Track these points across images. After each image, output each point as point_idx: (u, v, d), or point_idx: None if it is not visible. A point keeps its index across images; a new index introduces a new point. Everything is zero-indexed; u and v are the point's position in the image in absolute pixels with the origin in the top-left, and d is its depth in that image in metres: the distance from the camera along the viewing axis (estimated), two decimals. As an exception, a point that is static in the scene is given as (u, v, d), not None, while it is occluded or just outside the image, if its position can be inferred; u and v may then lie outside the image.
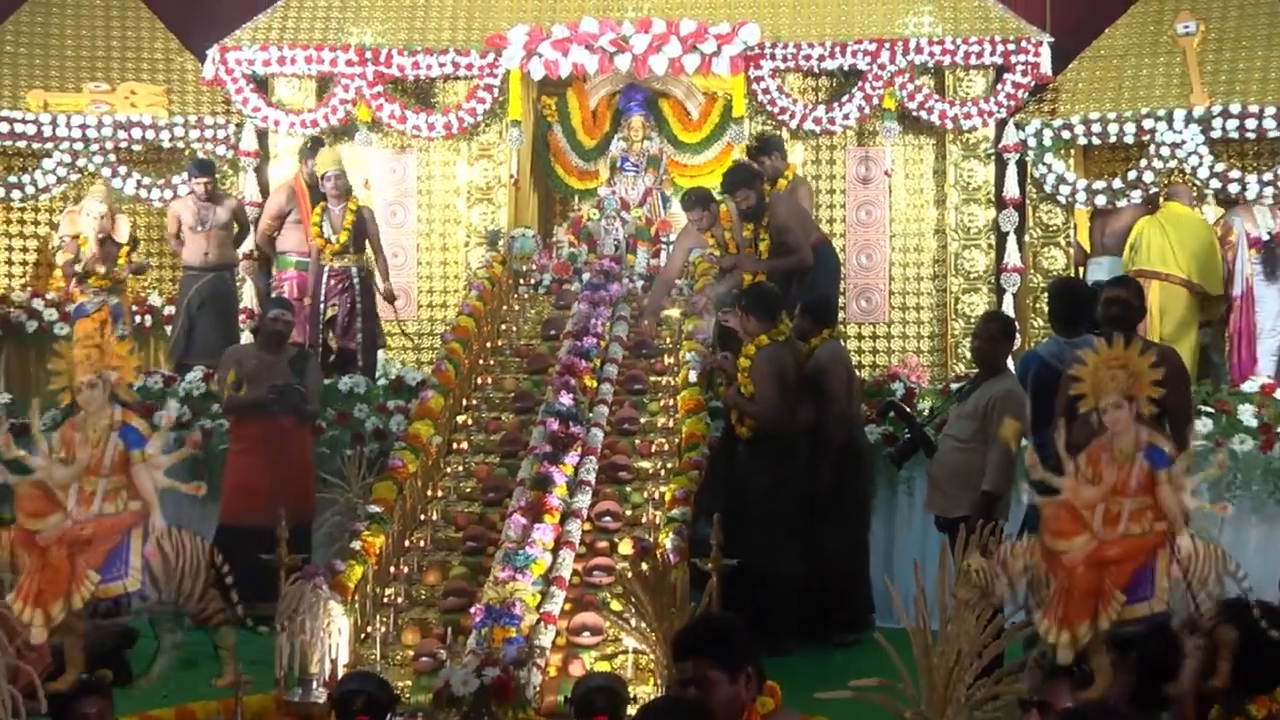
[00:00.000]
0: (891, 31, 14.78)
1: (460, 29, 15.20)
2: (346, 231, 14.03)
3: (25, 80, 15.82)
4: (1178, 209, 14.07)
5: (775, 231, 12.42)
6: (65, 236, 15.76)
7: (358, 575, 9.99)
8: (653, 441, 11.80)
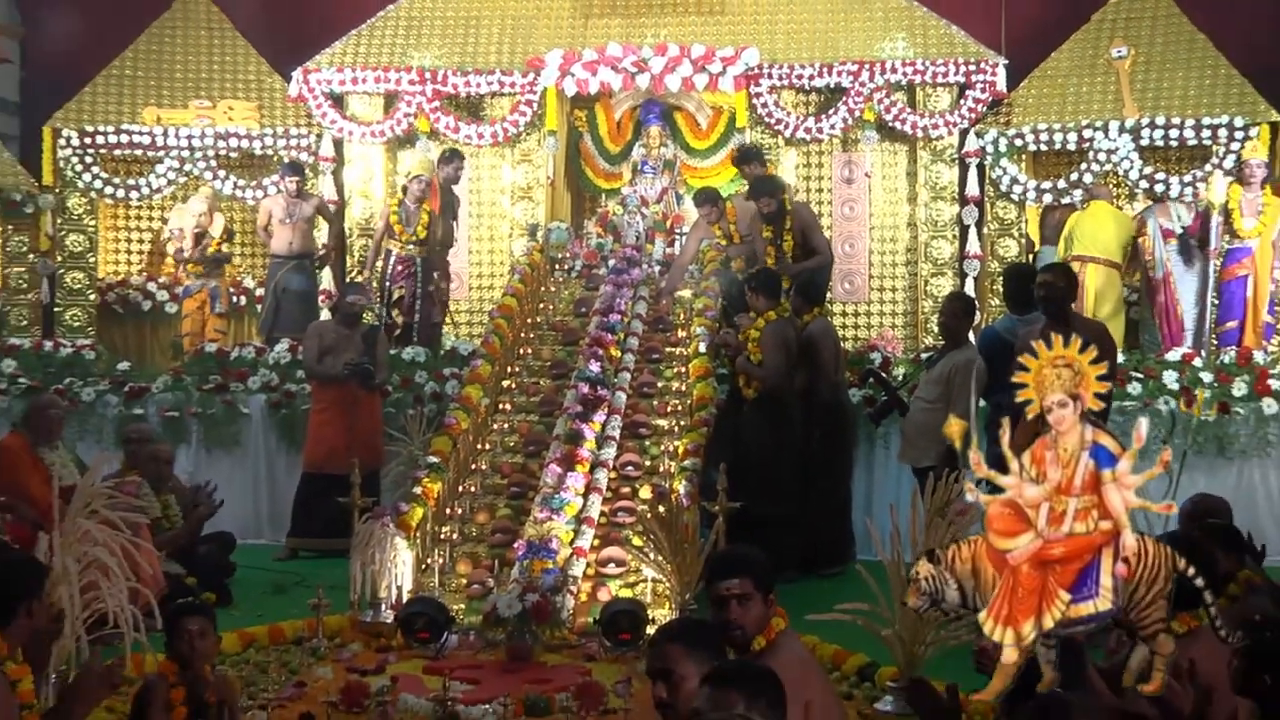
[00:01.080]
0: (870, 54, 14.69)
1: (505, 53, 15.10)
2: (424, 229, 13.94)
3: (141, 99, 15.74)
4: (1102, 205, 14.09)
5: (800, 234, 12.37)
6: (174, 230, 15.74)
7: (419, 516, 10.04)
8: (668, 402, 11.84)
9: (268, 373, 13.46)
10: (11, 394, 13.35)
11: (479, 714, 7.52)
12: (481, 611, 9.29)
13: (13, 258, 15.47)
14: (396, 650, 8.98)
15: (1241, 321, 13.58)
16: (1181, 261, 13.96)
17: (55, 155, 15.45)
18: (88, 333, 15.19)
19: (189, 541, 10.55)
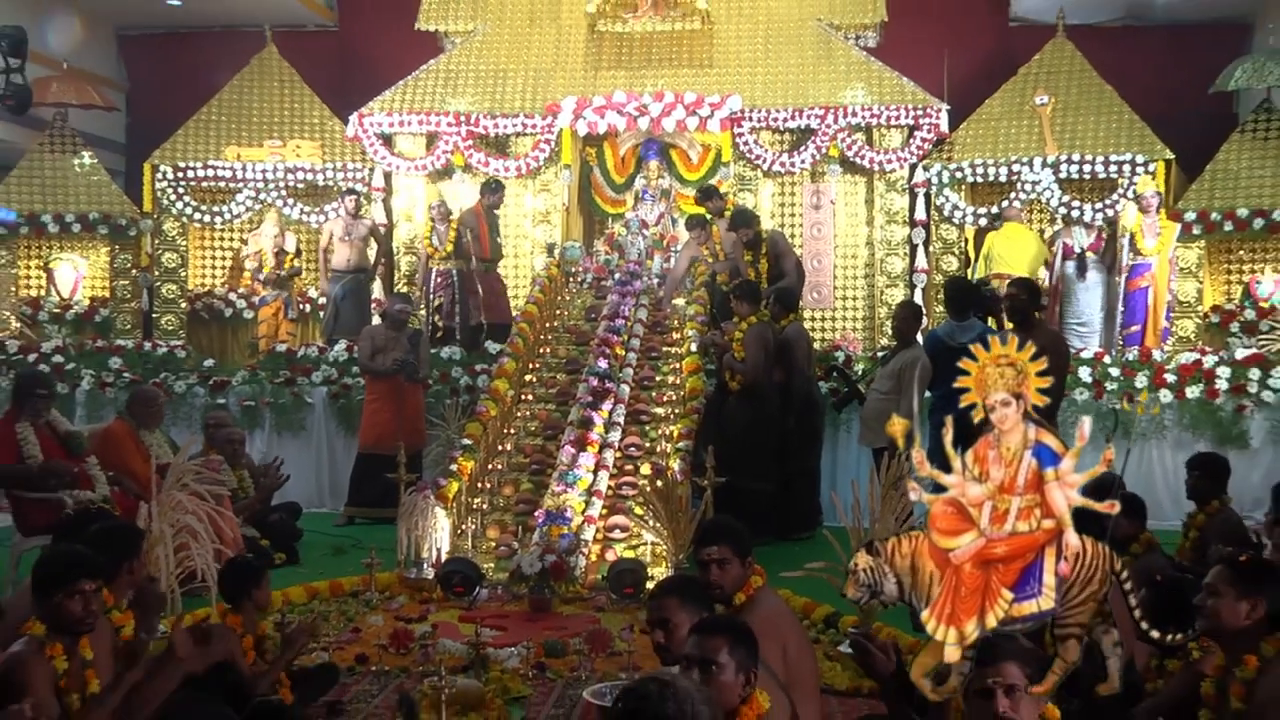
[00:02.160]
0: (835, 101, 14.60)
1: (527, 99, 15.02)
2: (451, 244, 13.95)
3: (224, 139, 15.70)
4: (1015, 225, 14.15)
5: (773, 258, 12.40)
6: (251, 249, 15.73)
7: (455, 489, 10.05)
8: (665, 394, 11.79)
9: (329, 369, 13.48)
10: (117, 386, 13.38)
11: (506, 656, 7.54)
12: (507, 570, 9.39)
13: (119, 272, 15.49)
14: (436, 602, 9.05)
15: (1143, 325, 13.68)
16: (1076, 276, 14.09)
17: (154, 187, 15.43)
18: (179, 335, 15.17)
19: (261, 509, 10.56)
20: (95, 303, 15.46)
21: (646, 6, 15.34)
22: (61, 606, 4.98)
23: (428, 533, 9.57)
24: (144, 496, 8.12)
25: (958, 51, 16.03)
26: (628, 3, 15.34)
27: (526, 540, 9.64)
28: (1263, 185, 14.13)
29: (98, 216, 15.34)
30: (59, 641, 4.99)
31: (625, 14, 15.37)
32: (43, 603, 5.04)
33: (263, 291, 15.39)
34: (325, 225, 15.05)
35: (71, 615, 4.98)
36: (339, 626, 8.41)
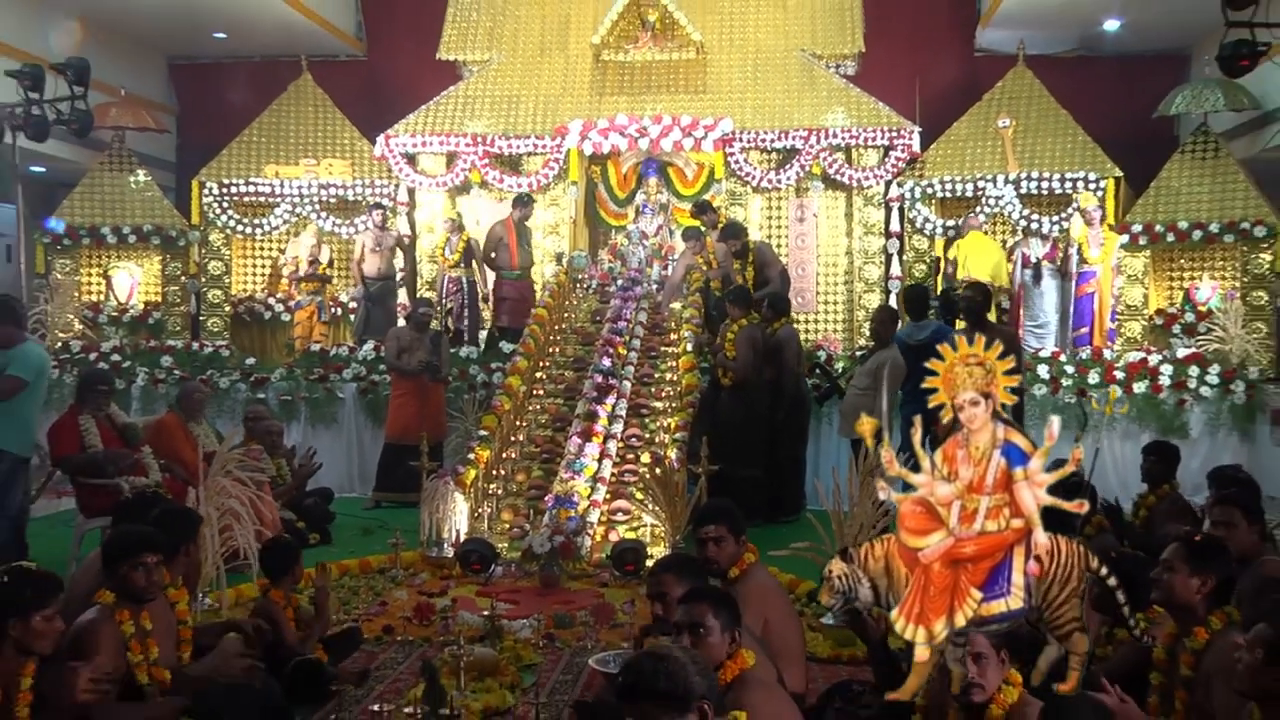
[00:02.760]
0: (817, 123, 14.59)
1: (537, 122, 15.01)
2: (459, 254, 14.17)
3: (264, 158, 15.70)
4: (976, 234, 14.06)
5: (760, 268, 12.40)
6: (288, 258, 15.74)
7: (472, 475, 10.00)
8: (663, 389, 11.74)
9: (358, 367, 13.44)
10: (168, 383, 13.37)
11: (519, 627, 7.53)
12: (520, 549, 9.38)
13: (169, 279, 15.46)
14: (455, 578, 9.04)
15: (1090, 327, 13.76)
16: (1032, 282, 14.06)
17: (201, 202, 15.45)
18: (223, 336, 15.18)
19: (298, 494, 10.56)
20: (148, 307, 15.44)
21: (646, 38, 15.33)
22: (127, 577, 5.17)
23: (448, 515, 9.60)
24: (192, 482, 8.14)
25: (928, 79, 16.01)
26: (629, 35, 15.32)
27: (537, 522, 9.62)
28: (1201, 200, 14.13)
29: (151, 228, 15.32)
30: (126, 609, 5.18)
31: (627, 45, 15.36)
32: (111, 574, 5.23)
33: (299, 296, 15.41)
34: (357, 238, 15.03)
35: (136, 585, 5.18)
36: (367, 600, 8.40)
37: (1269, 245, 13.82)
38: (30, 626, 4.46)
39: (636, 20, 15.28)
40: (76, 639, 4.95)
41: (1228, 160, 14.38)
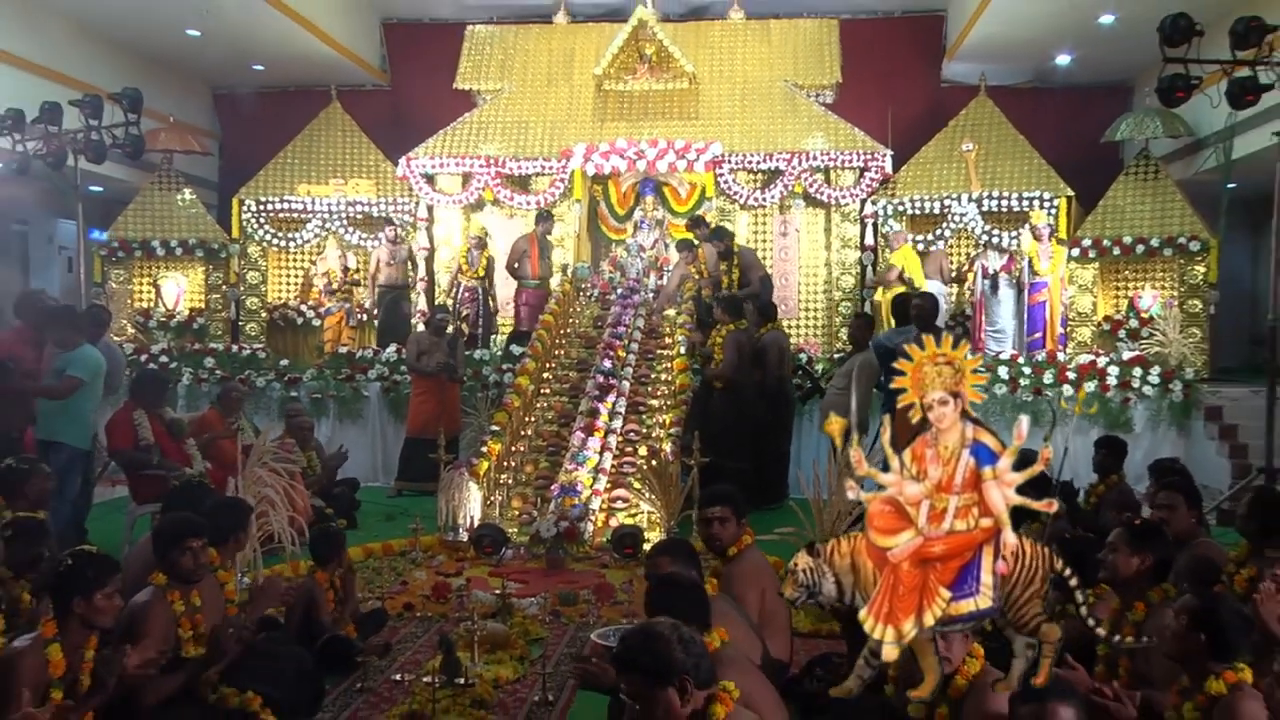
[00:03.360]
0: (799, 147, 14.56)
1: (545, 145, 14.99)
2: (483, 267, 14.23)
3: (297, 178, 15.66)
4: (906, 247, 14.18)
5: (743, 271, 12.39)
6: (318, 269, 15.74)
7: (485, 466, 9.99)
8: (659, 388, 11.68)
9: (381, 368, 13.39)
10: (210, 382, 13.33)
11: (527, 604, 7.54)
12: (528, 534, 9.38)
13: (212, 288, 15.45)
14: (470, 560, 9.03)
15: (1043, 332, 13.72)
16: (990, 292, 14.08)
17: (240, 218, 15.43)
18: (260, 339, 15.18)
19: (328, 483, 10.54)
20: (193, 313, 15.41)
21: (644, 70, 15.31)
22: (176, 561, 5.21)
23: (463, 503, 9.60)
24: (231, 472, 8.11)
25: (899, 107, 15.98)
26: (628, 67, 15.30)
27: (544, 509, 9.63)
28: (1143, 217, 14.16)
29: (195, 242, 15.32)
30: (177, 589, 5.22)
31: (626, 76, 15.33)
32: (162, 558, 5.26)
33: (329, 303, 15.40)
34: (374, 252, 15.09)
35: (184, 567, 5.22)
36: (390, 580, 8.39)
37: (1203, 258, 13.91)
38: (93, 604, 4.49)
39: (635, 54, 15.26)
40: (132, 616, 5.00)
41: (1166, 182, 14.42)
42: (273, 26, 14.67)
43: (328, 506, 9.90)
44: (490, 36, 16.35)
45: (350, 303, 15.35)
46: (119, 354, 11.05)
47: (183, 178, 15.89)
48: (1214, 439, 12.22)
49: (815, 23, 16.15)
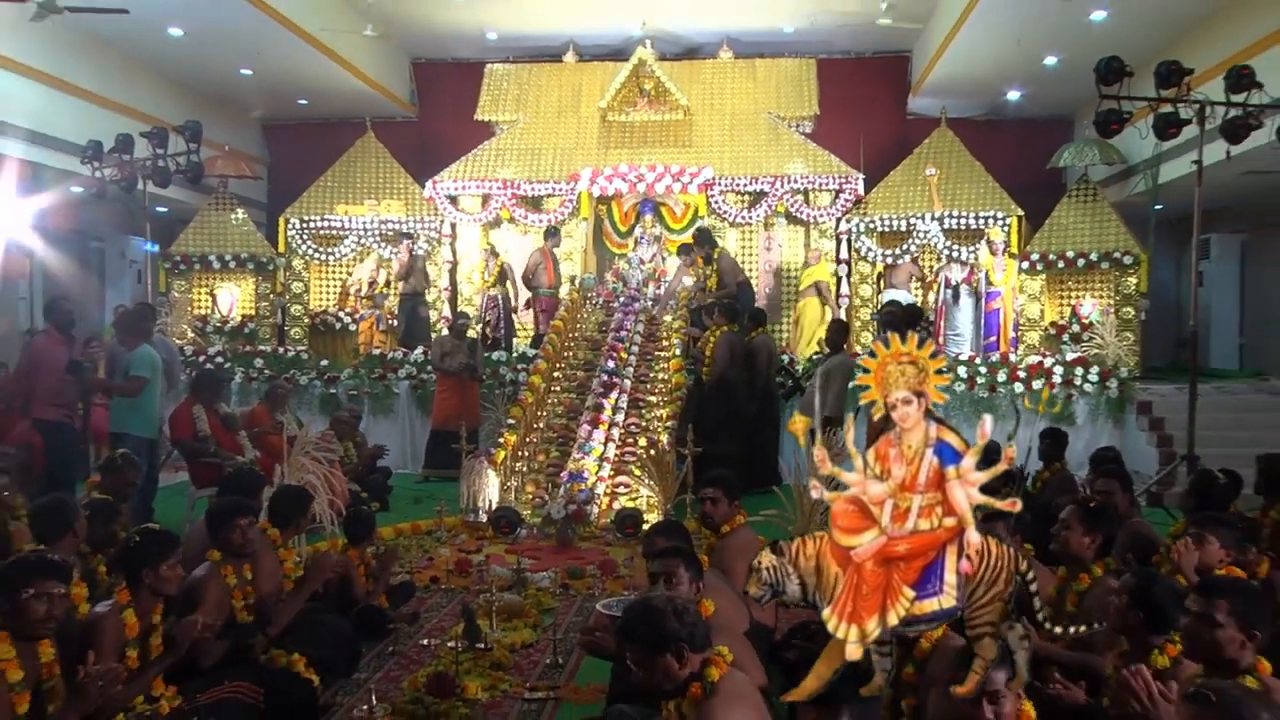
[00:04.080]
0: (781, 171, 14.56)
1: (555, 169, 14.97)
2: (495, 276, 14.28)
3: (336, 199, 15.66)
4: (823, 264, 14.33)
5: (720, 275, 12.44)
6: (354, 279, 15.70)
7: (502, 456, 9.97)
8: (656, 386, 11.62)
9: (410, 367, 13.39)
10: (259, 380, 13.35)
11: (540, 578, 7.53)
12: (541, 515, 9.35)
13: (261, 297, 15.45)
14: (488, 539, 9.04)
15: (997, 336, 13.70)
16: (952, 300, 14.03)
17: (286, 234, 15.41)
18: (303, 342, 15.17)
19: (364, 470, 10.53)
20: (245, 319, 15.40)
21: (643, 103, 15.29)
22: (228, 538, 5.24)
23: (482, 488, 9.60)
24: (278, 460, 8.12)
25: (869, 136, 15.94)
26: (629, 100, 15.27)
27: (555, 494, 9.58)
28: (1084, 235, 14.14)
29: (246, 256, 15.33)
30: (230, 564, 5.25)
31: (628, 108, 15.31)
32: (215, 536, 5.29)
33: (363, 310, 15.39)
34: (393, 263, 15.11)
35: (235, 544, 5.25)
36: (417, 556, 8.40)
37: (1135, 271, 13.91)
38: (159, 574, 4.55)
39: (635, 89, 15.24)
40: (191, 588, 5.03)
41: (1103, 203, 14.40)
42: (315, 66, 14.67)
43: (363, 490, 9.90)
44: (507, 74, 16.34)
45: (381, 310, 15.33)
46: (175, 350, 11.12)
47: (236, 199, 15.88)
48: (1144, 430, 12.22)
49: (795, 62, 16.13)
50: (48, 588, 3.83)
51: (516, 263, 14.66)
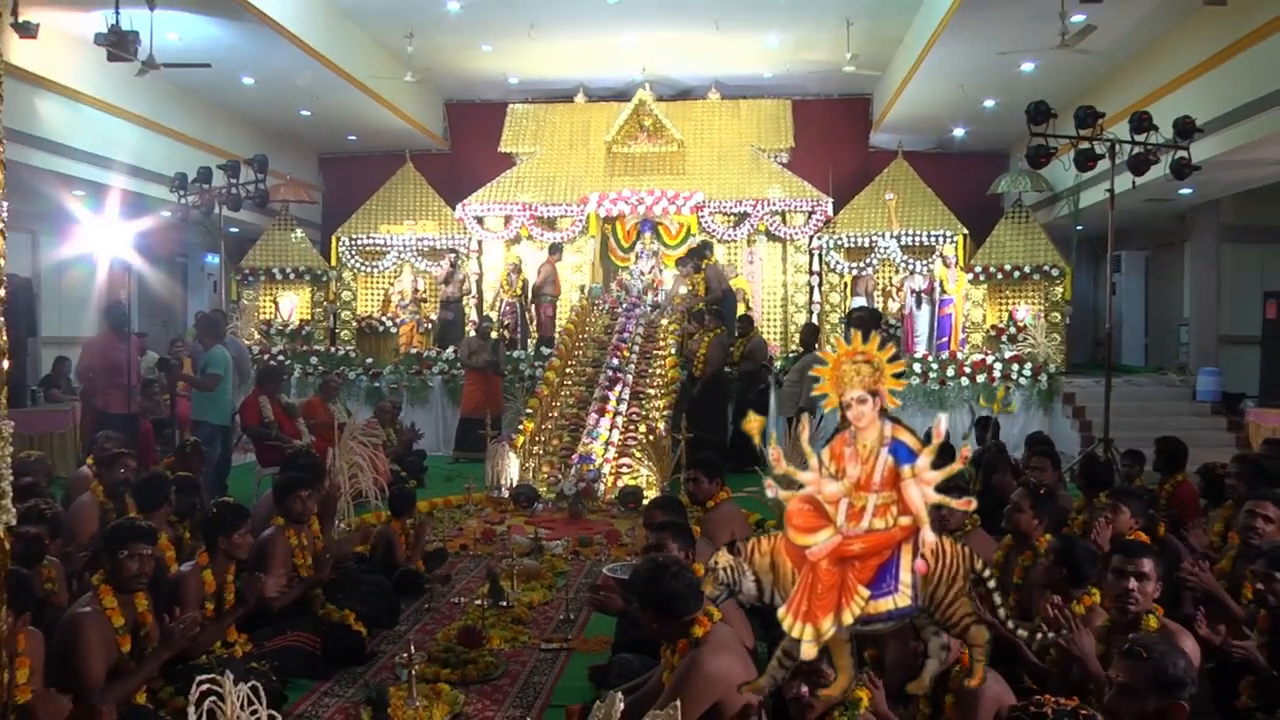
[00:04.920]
0: (761, 195, 14.56)
1: (567, 194, 14.96)
2: (520, 286, 14.27)
3: (379, 220, 15.65)
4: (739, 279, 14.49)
5: (707, 283, 12.46)
6: (396, 290, 15.67)
7: (521, 440, 9.99)
8: (655, 380, 11.54)
9: (443, 364, 13.41)
10: (314, 375, 13.40)
11: (554, 546, 7.54)
12: (555, 492, 9.36)
13: (316, 304, 15.44)
14: (510, 512, 9.02)
15: (949, 337, 13.72)
16: (915, 306, 14.00)
17: (337, 250, 15.41)
18: (351, 343, 15.14)
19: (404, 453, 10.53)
20: (302, 323, 15.39)
21: (643, 137, 15.26)
22: (290, 507, 5.32)
23: (504, 468, 9.61)
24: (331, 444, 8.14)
25: (837, 166, 15.95)
26: (631, 134, 15.23)
27: (567, 473, 9.59)
28: (1019, 250, 14.15)
29: (304, 269, 15.31)
30: (291, 528, 5.30)
31: (630, 141, 15.27)
32: (280, 504, 5.37)
33: (403, 315, 15.37)
34: (436, 274, 15.07)
35: (296, 511, 5.33)
36: (448, 526, 8.40)
37: (1060, 281, 13.96)
38: (232, 540, 4.66)
39: (637, 125, 15.20)
40: (260, 549, 5.12)
41: (1034, 224, 14.43)
42: (363, 108, 14.65)
43: (402, 470, 9.92)
44: (527, 112, 16.31)
45: (419, 314, 15.33)
46: (244, 349, 11.17)
47: (295, 220, 15.87)
48: (1069, 417, 12.25)
49: (774, 102, 16.11)
50: (139, 549, 3.94)
51: (532, 275, 14.64)
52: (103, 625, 3.80)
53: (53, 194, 11.12)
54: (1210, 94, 10.03)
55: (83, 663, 3.67)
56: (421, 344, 14.84)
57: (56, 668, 3.62)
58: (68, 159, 11.04)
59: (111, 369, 8.58)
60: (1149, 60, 11.48)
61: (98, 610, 3.84)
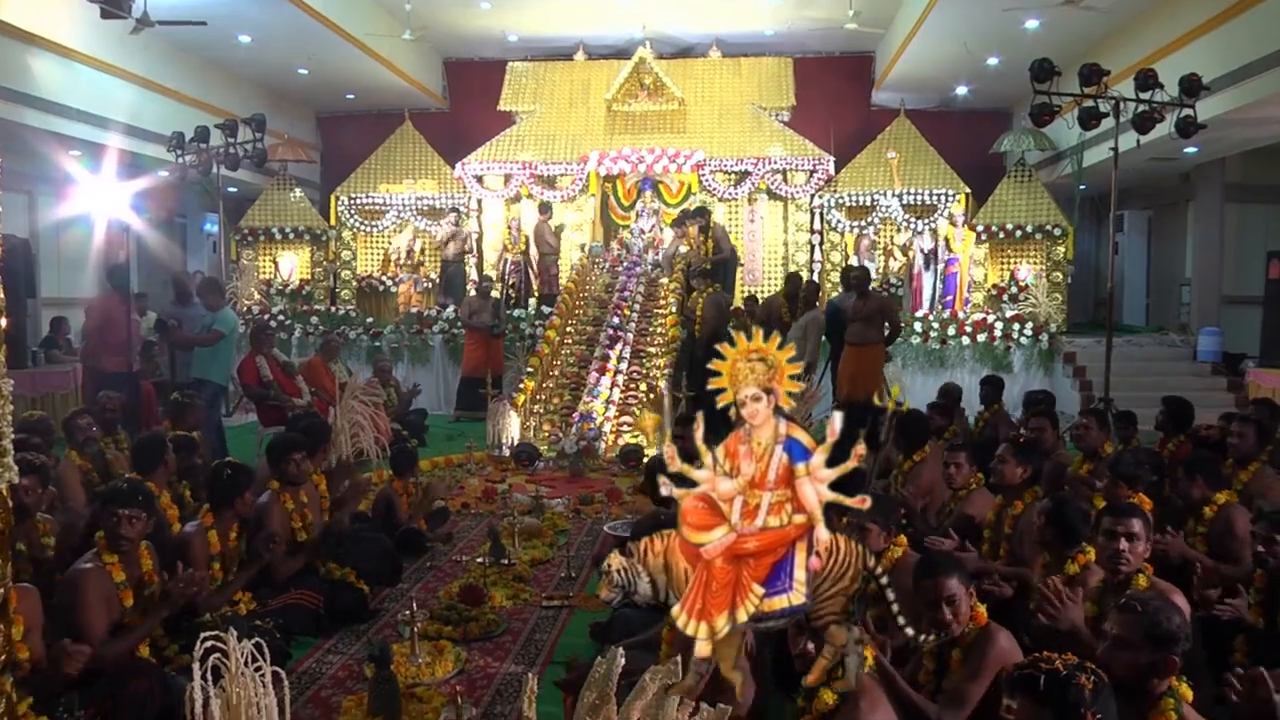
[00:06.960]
0: (763, 153, 14.45)
1: (567, 152, 14.90)
2: (523, 244, 14.25)
3: (379, 179, 15.58)
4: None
5: (715, 242, 12.29)
6: (395, 248, 15.60)
7: (522, 399, 10.01)
8: (655, 339, 11.56)
9: (443, 324, 13.40)
10: (315, 335, 13.37)
11: (555, 504, 7.58)
12: (556, 450, 9.38)
13: (316, 263, 15.37)
14: (511, 470, 9.06)
15: (954, 296, 13.73)
16: (924, 265, 13.99)
17: (337, 210, 15.35)
18: (352, 303, 15.09)
19: (404, 412, 10.54)
20: (302, 282, 15.34)
21: (644, 95, 15.16)
22: (285, 470, 5.30)
23: (506, 427, 9.62)
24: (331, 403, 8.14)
25: (839, 124, 15.84)
26: (632, 92, 15.13)
27: (568, 432, 9.62)
28: (1020, 209, 14.05)
29: (303, 229, 15.24)
30: (288, 491, 5.32)
31: (630, 100, 15.17)
32: (274, 467, 5.37)
33: (402, 274, 15.35)
34: (439, 232, 14.89)
35: (290, 474, 5.31)
36: (451, 485, 8.42)
37: (1062, 241, 13.87)
38: (245, 500, 4.79)
39: (637, 83, 15.09)
40: (258, 512, 5.13)
41: (1037, 183, 14.32)
42: (361, 66, 14.50)
43: (403, 429, 9.92)
44: (526, 70, 16.18)
45: (419, 273, 15.27)
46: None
47: (294, 180, 15.75)
48: (1069, 377, 12.25)
49: (775, 60, 15.96)
50: (133, 511, 3.96)
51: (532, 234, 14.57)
52: (104, 581, 3.83)
53: (49, 154, 11.02)
54: (1217, 51, 9.90)
55: (83, 616, 3.70)
56: (422, 303, 14.79)
57: (62, 622, 3.66)
58: (64, 118, 10.93)
59: (114, 329, 8.58)
60: (1154, 17, 11.31)
61: (99, 566, 3.86)
